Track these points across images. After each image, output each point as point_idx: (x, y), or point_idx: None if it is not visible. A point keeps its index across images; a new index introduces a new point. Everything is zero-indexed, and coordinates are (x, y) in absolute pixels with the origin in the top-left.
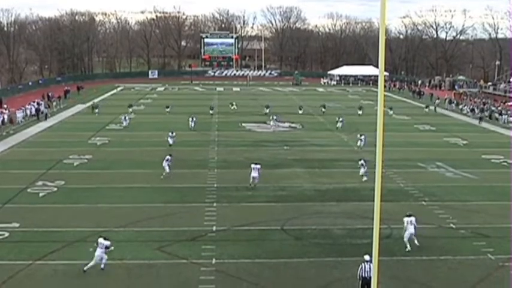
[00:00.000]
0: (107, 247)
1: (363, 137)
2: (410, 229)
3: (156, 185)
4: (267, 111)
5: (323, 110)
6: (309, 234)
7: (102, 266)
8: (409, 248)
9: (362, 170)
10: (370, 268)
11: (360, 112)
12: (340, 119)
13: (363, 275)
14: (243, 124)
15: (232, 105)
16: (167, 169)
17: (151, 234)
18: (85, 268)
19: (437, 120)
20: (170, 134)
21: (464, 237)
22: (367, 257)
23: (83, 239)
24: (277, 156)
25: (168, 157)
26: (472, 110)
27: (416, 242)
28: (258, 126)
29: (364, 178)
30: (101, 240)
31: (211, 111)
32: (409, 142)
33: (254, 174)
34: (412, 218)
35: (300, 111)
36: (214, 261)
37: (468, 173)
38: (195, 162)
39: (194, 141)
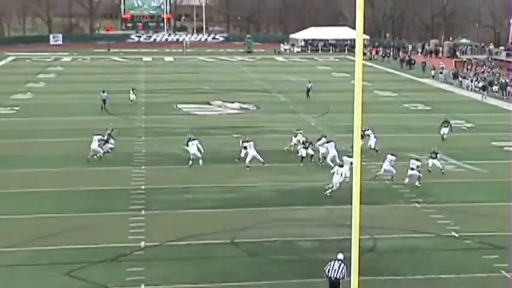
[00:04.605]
0: (351, 163)
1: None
2: (332, 151)
3: (64, 189)
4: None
5: None
6: (268, 249)
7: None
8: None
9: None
10: (339, 268)
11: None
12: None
13: (330, 275)
14: (179, 106)
15: (133, 92)
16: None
17: (57, 254)
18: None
19: (433, 97)
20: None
21: (470, 249)
22: (340, 256)
23: None
24: (225, 148)
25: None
26: (484, 88)
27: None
28: (200, 108)
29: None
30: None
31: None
32: (397, 126)
33: (387, 167)
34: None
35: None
36: (143, 287)
37: (474, 165)
38: (115, 157)
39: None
